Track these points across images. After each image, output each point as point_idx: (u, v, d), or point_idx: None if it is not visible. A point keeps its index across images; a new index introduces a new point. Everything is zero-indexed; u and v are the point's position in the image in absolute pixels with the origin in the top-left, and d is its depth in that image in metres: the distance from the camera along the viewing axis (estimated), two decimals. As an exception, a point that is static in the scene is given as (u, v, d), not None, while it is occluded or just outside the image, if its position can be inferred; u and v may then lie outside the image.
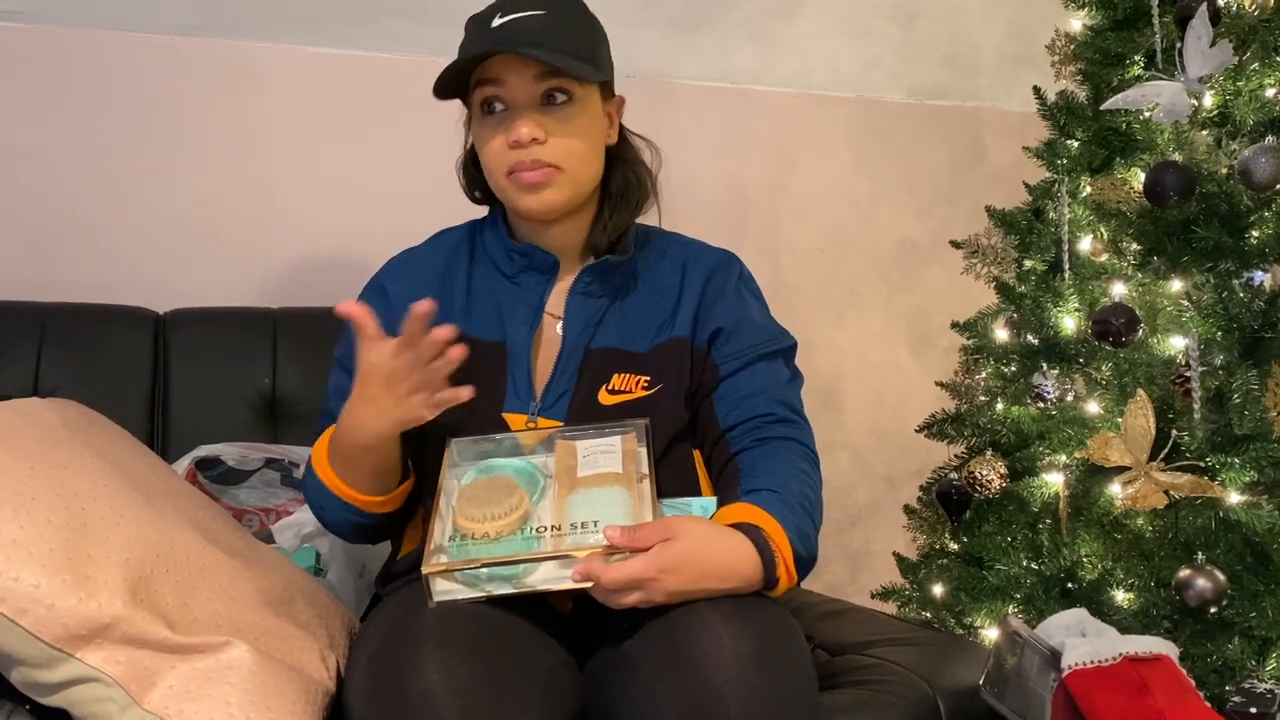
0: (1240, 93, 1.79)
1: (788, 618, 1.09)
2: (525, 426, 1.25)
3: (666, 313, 1.31)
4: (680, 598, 1.05)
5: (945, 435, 2.10)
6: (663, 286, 1.32)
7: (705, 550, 1.06)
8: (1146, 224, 1.85)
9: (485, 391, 1.21)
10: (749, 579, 1.08)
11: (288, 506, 1.56)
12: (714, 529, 1.09)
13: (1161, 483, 1.70)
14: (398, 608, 1.13)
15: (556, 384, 1.27)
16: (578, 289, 1.30)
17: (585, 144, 1.25)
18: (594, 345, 1.28)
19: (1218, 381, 1.75)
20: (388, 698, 0.99)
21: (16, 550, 1.00)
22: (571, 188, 1.25)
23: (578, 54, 1.22)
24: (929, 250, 2.61)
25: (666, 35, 2.29)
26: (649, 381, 1.27)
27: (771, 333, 1.33)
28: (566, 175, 1.24)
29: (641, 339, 1.29)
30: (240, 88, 1.99)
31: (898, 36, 2.53)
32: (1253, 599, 1.64)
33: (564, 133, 1.23)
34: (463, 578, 1.05)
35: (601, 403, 1.26)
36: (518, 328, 1.29)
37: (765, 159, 2.47)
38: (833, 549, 2.53)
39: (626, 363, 1.28)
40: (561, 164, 1.23)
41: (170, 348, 1.68)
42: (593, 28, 1.29)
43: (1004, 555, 1.88)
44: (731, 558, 1.07)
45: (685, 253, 1.37)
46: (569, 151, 1.23)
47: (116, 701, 1.02)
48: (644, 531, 1.04)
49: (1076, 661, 1.39)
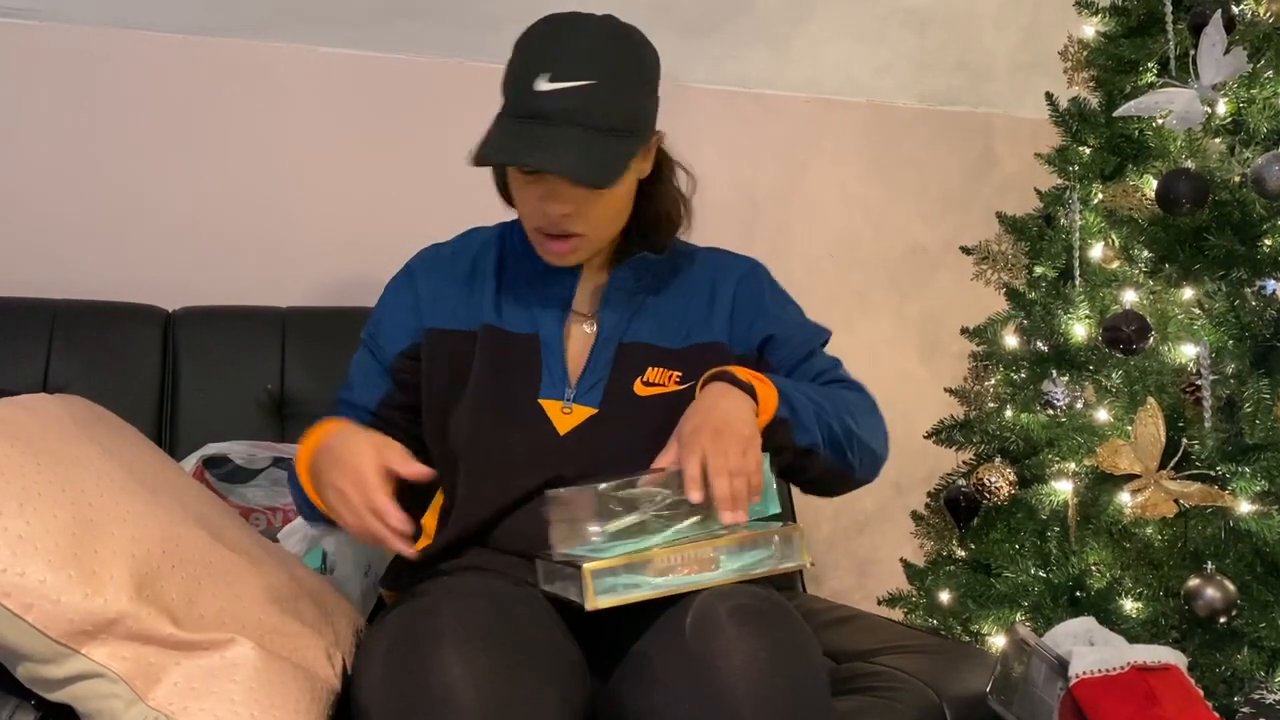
0: (1254, 100, 1.79)
1: (801, 623, 1.09)
2: (560, 413, 1.29)
3: (699, 315, 1.36)
4: (729, 438, 1.13)
5: (954, 442, 2.09)
6: (693, 289, 1.37)
7: (699, 414, 1.17)
8: (1158, 231, 1.84)
9: (521, 381, 1.30)
10: (734, 394, 1.19)
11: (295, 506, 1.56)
12: (690, 407, 1.20)
13: (1171, 491, 1.70)
14: (413, 601, 1.13)
15: (591, 373, 1.31)
16: (615, 284, 1.34)
17: (612, 212, 1.29)
18: (628, 339, 1.33)
19: (1229, 390, 1.74)
20: (407, 689, 0.99)
21: (23, 545, 1.00)
22: (593, 248, 1.31)
23: (618, 129, 1.21)
24: (939, 256, 2.61)
25: (679, 39, 2.29)
26: (681, 377, 1.31)
27: (813, 329, 1.42)
28: (589, 240, 1.29)
29: (674, 337, 1.34)
30: (252, 87, 1.99)
31: (910, 42, 2.52)
32: (1262, 609, 1.63)
33: (595, 207, 1.25)
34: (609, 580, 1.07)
35: (637, 393, 1.30)
36: (549, 320, 1.33)
37: (776, 163, 2.47)
38: (840, 555, 2.53)
39: (661, 358, 1.32)
40: (586, 233, 1.27)
41: (179, 346, 1.69)
42: (642, 84, 1.25)
43: (1012, 563, 1.88)
44: (712, 398, 1.19)
45: (713, 261, 1.42)
46: (595, 222, 1.27)
47: (121, 697, 1.02)
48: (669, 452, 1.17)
49: (1084, 670, 1.38)
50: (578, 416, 1.28)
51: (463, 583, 1.15)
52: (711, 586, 1.08)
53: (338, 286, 1.99)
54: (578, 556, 1.11)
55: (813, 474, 1.31)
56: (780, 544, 1.14)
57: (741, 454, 1.13)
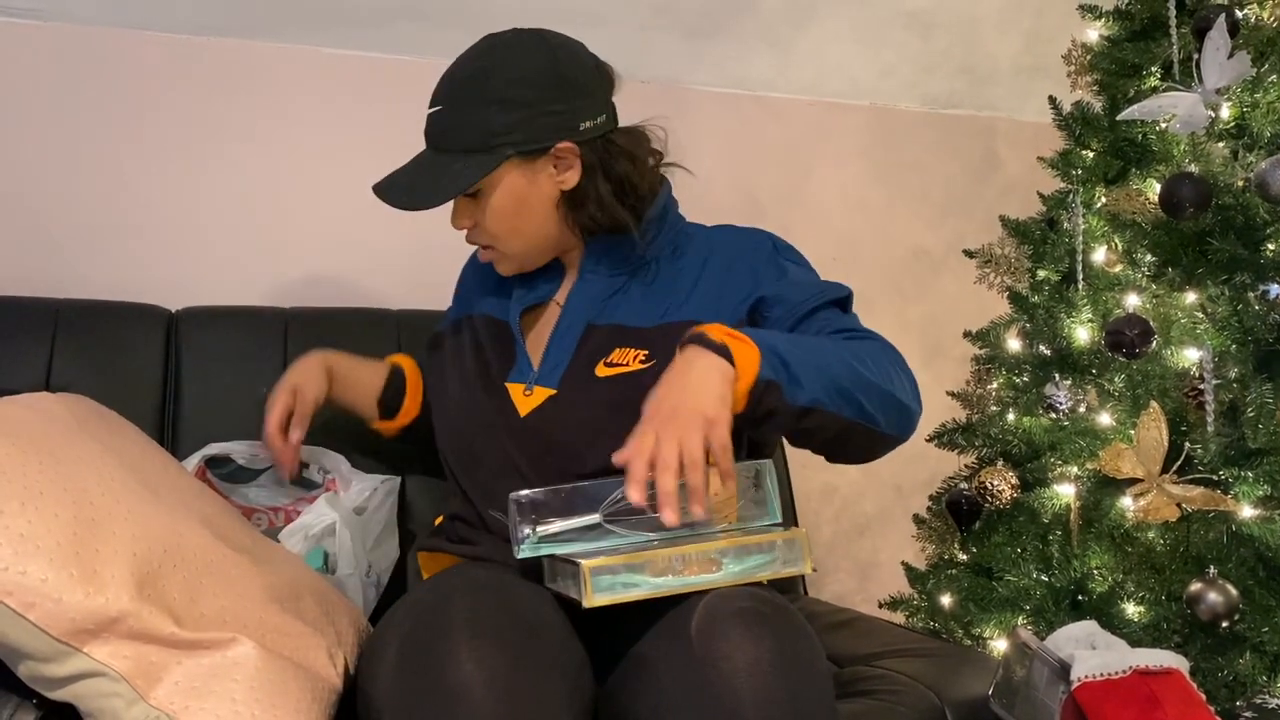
0: (1258, 104, 1.79)
1: (805, 626, 1.09)
2: (522, 395, 1.33)
3: (680, 293, 1.34)
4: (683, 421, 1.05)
5: (956, 445, 2.09)
6: (681, 269, 1.36)
7: (662, 388, 1.10)
8: (1161, 235, 1.84)
9: (496, 364, 1.37)
10: (703, 362, 1.09)
11: (296, 506, 1.56)
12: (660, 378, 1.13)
13: (1173, 495, 1.69)
14: (423, 595, 1.13)
15: (551, 356, 1.34)
16: (586, 268, 1.37)
17: (505, 223, 1.31)
18: (599, 321, 1.34)
19: (1231, 394, 1.74)
20: (420, 686, 0.99)
21: (25, 544, 1.00)
22: (516, 258, 1.36)
23: (474, 145, 1.27)
24: (942, 259, 2.61)
25: (682, 42, 2.29)
26: (646, 356, 1.29)
27: (819, 286, 1.33)
28: (500, 252, 1.35)
29: (647, 315, 1.33)
30: (256, 88, 1.99)
31: (913, 45, 2.52)
32: (1265, 614, 1.63)
33: (484, 219, 1.31)
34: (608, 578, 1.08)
35: (597, 375, 1.30)
36: (515, 308, 1.39)
37: (779, 166, 2.47)
38: (841, 558, 2.52)
39: (628, 337, 1.31)
40: (492, 243, 1.34)
41: (182, 346, 1.69)
42: (483, 103, 1.26)
43: (1014, 566, 1.87)
44: (677, 370, 1.11)
45: (712, 242, 1.39)
46: (491, 233, 1.32)
47: (123, 696, 1.02)
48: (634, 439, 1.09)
49: (1086, 674, 1.38)
50: (537, 398, 1.32)
51: (474, 578, 1.16)
52: (711, 588, 1.08)
53: (341, 287, 1.99)
54: (578, 554, 1.12)
55: (826, 435, 1.18)
56: (783, 548, 1.14)
57: (699, 438, 1.04)
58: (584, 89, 1.29)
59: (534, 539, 1.17)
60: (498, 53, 1.29)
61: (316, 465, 1.60)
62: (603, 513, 1.17)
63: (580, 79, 1.29)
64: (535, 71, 1.26)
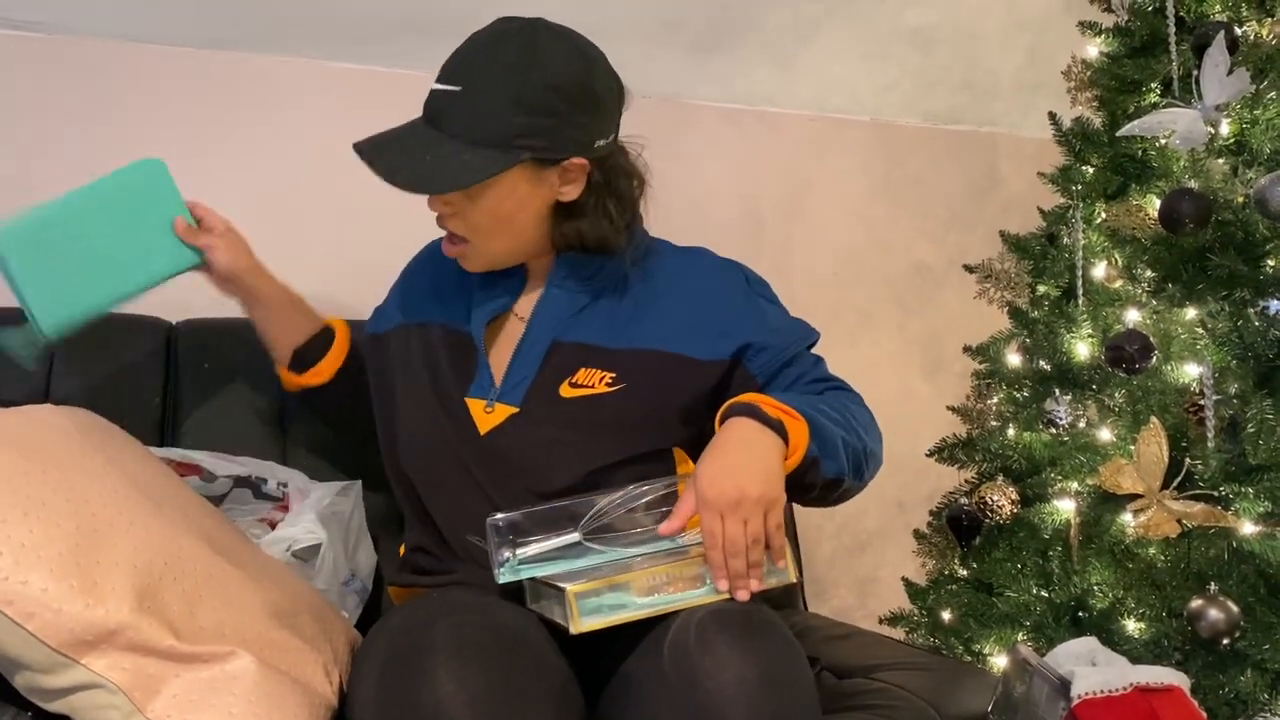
0: (1257, 121, 1.79)
1: (792, 641, 1.08)
2: (483, 412, 1.29)
3: (651, 317, 1.31)
4: (749, 508, 1.08)
5: (956, 460, 2.09)
6: (653, 291, 1.33)
7: (720, 462, 1.11)
8: (1161, 251, 1.84)
9: (453, 378, 1.32)
10: (763, 441, 1.12)
11: (271, 516, 1.54)
12: (712, 447, 1.14)
13: (1174, 511, 1.69)
14: (406, 615, 1.13)
15: (515, 372, 1.30)
16: (553, 281, 1.33)
17: (492, 220, 1.26)
18: (565, 339, 1.30)
19: (1232, 410, 1.74)
20: (400, 707, 0.99)
21: (25, 554, 1.00)
22: (485, 257, 1.31)
23: (484, 139, 1.20)
24: (943, 274, 2.61)
25: (685, 56, 2.30)
26: (614, 379, 1.28)
27: (796, 331, 1.36)
28: (474, 248, 1.29)
29: (616, 336, 1.30)
30: (260, 101, 2.00)
31: (915, 61, 2.53)
32: (1266, 631, 1.62)
33: (470, 209, 1.25)
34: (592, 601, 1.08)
35: (562, 395, 1.28)
36: (479, 319, 1.34)
37: (781, 180, 2.47)
38: (841, 574, 2.52)
39: (594, 357, 1.29)
40: (468, 237, 1.28)
41: (182, 358, 1.69)
42: (524, 101, 1.21)
43: (1014, 582, 1.87)
44: (736, 442, 1.12)
45: (685, 264, 1.38)
46: (473, 227, 1.27)
47: (120, 709, 1.02)
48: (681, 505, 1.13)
49: (1086, 691, 1.38)
50: (499, 415, 1.28)
51: (456, 599, 1.15)
52: (698, 604, 1.08)
53: (343, 301, 1.99)
54: (560, 578, 1.11)
55: (830, 497, 1.26)
56: (767, 560, 1.13)
57: (756, 520, 1.09)
58: (606, 109, 1.26)
59: (514, 562, 1.15)
60: (538, 51, 1.21)
61: (274, 480, 1.58)
62: (582, 531, 1.17)
63: (606, 98, 1.26)
64: (571, 82, 1.22)
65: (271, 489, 1.56)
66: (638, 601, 1.08)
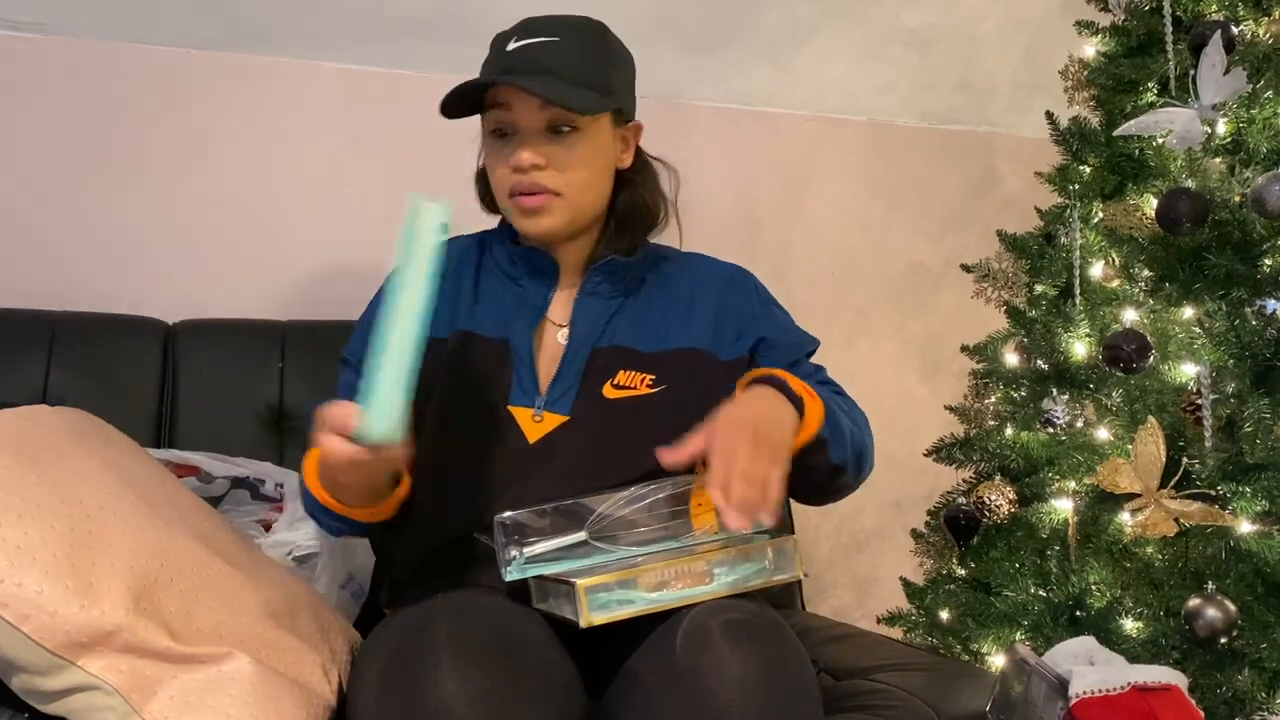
0: (1254, 120, 1.79)
1: (794, 640, 1.09)
2: (531, 421, 1.28)
3: (677, 320, 1.34)
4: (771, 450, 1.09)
5: (954, 460, 2.09)
6: (673, 294, 1.36)
7: (742, 410, 1.13)
8: (1158, 250, 1.84)
9: (491, 387, 1.29)
10: (782, 408, 1.15)
11: (267, 517, 1.54)
12: (733, 401, 1.16)
13: (1172, 511, 1.69)
14: (408, 616, 1.12)
15: (561, 381, 1.30)
16: (587, 289, 1.34)
17: (588, 171, 1.29)
18: (602, 344, 1.32)
19: (1229, 409, 1.74)
20: (402, 707, 0.99)
21: (21, 556, 1.00)
22: (570, 214, 1.29)
23: (586, 82, 1.24)
24: (940, 274, 2.61)
25: (682, 57, 2.30)
26: (654, 380, 1.30)
27: (803, 336, 1.40)
28: (564, 201, 1.28)
29: (649, 339, 1.33)
30: (256, 102, 2.00)
31: (912, 61, 2.53)
32: (1263, 630, 1.62)
33: (566, 160, 1.26)
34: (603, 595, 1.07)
35: (606, 397, 1.29)
36: (520, 327, 1.33)
37: (778, 181, 2.47)
38: (839, 574, 2.52)
39: (633, 361, 1.31)
40: (561, 190, 1.27)
41: (179, 358, 1.69)
42: (607, 55, 1.30)
43: (1012, 581, 1.87)
44: (758, 399, 1.15)
45: (698, 267, 1.41)
46: (569, 179, 1.27)
47: (116, 710, 1.02)
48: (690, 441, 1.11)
49: (1084, 690, 1.37)
50: (548, 424, 1.28)
51: (459, 599, 1.15)
52: (706, 600, 1.08)
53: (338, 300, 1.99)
54: (570, 573, 1.11)
55: (828, 488, 1.29)
56: (774, 556, 1.14)
57: (770, 463, 1.09)
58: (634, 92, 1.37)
59: (521, 560, 1.16)
60: (602, 27, 1.31)
61: (271, 481, 1.58)
62: (589, 530, 1.17)
63: (633, 83, 1.36)
64: (627, 57, 1.34)
65: (269, 490, 1.57)
66: (646, 597, 1.08)
